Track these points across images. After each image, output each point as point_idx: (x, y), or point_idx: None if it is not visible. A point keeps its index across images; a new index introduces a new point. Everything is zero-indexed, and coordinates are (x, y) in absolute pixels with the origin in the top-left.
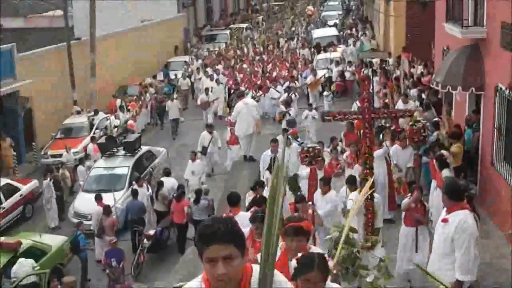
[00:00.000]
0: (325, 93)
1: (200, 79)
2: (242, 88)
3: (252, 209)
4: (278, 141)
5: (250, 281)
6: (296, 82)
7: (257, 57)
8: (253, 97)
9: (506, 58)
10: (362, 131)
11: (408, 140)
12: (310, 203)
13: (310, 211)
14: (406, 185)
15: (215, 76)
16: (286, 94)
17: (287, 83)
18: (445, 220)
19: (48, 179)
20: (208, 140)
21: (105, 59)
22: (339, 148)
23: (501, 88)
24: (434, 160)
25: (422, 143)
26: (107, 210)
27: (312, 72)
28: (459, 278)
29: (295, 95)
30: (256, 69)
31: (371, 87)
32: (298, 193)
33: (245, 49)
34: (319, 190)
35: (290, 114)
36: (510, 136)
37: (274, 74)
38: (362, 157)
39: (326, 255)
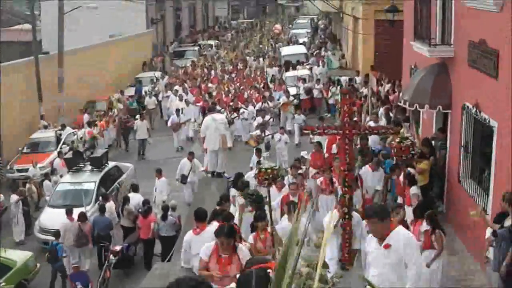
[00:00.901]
0: (296, 116)
1: (168, 97)
2: (214, 104)
3: (215, 223)
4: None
5: None
6: (268, 102)
7: (226, 76)
8: (228, 121)
9: (473, 77)
10: (340, 147)
11: (396, 158)
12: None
13: (269, 229)
14: None
15: (184, 96)
16: (259, 117)
17: (259, 104)
18: (387, 246)
19: (16, 194)
20: (188, 168)
21: (73, 74)
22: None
23: (468, 107)
24: (402, 178)
25: (410, 160)
26: (83, 217)
27: (285, 94)
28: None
29: (272, 119)
30: (226, 88)
31: (352, 101)
32: (258, 212)
33: (213, 68)
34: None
35: (265, 138)
36: (477, 154)
37: (245, 94)
38: (341, 174)
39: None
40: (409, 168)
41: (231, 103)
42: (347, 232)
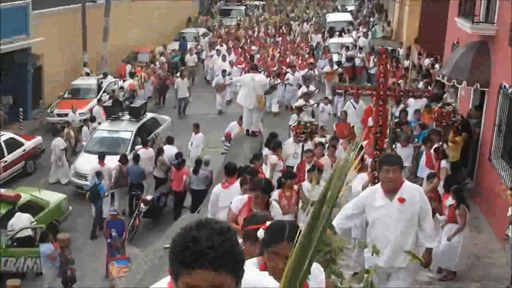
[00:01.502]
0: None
1: (211, 56)
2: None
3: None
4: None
5: None
6: (314, 70)
7: (269, 39)
8: (271, 85)
9: None
10: (375, 108)
11: (436, 123)
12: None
13: (295, 187)
14: None
15: (227, 56)
16: (303, 87)
17: (305, 71)
18: (402, 200)
19: (62, 136)
20: (236, 131)
21: (118, 24)
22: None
23: (505, 86)
24: (433, 151)
25: (450, 128)
26: (124, 159)
27: (330, 63)
28: (430, 246)
29: (318, 90)
30: (271, 52)
31: (389, 61)
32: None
33: (256, 30)
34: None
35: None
36: (509, 134)
37: (288, 59)
38: (373, 136)
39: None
40: (440, 143)
41: (274, 68)
42: None
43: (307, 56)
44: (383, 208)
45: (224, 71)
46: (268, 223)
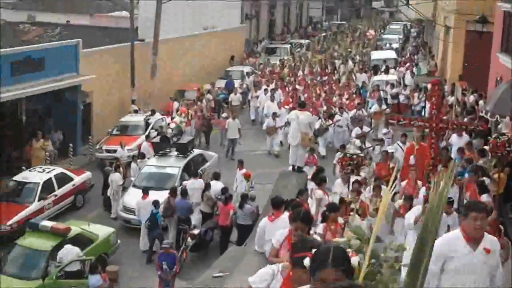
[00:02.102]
0: (384, 130)
1: (257, 97)
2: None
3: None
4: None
5: None
6: (363, 110)
7: (316, 79)
8: (322, 126)
9: None
10: (427, 141)
11: (491, 154)
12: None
13: (340, 220)
14: None
15: (275, 97)
16: (357, 128)
17: (353, 111)
18: (488, 251)
19: (115, 170)
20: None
21: (165, 62)
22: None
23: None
24: (475, 184)
25: (505, 158)
26: (173, 192)
27: (378, 102)
28: None
29: (372, 130)
30: (318, 92)
31: (441, 94)
32: (332, 202)
33: (301, 69)
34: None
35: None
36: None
37: (334, 99)
38: (427, 170)
39: (349, 250)
40: (484, 177)
41: (324, 108)
42: None
43: (354, 96)
44: (466, 257)
45: (274, 114)
46: (314, 250)
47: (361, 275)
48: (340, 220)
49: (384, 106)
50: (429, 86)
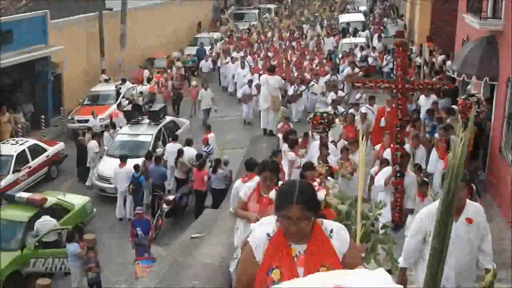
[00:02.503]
0: (357, 95)
1: (226, 63)
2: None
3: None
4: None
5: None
6: (337, 75)
7: (285, 44)
8: (296, 92)
9: None
10: (395, 103)
11: (460, 115)
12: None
13: (318, 180)
14: None
15: (246, 64)
16: (332, 92)
17: (327, 77)
18: (470, 221)
19: (90, 139)
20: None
21: (134, 31)
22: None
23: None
24: (444, 142)
25: (475, 119)
26: (149, 156)
27: (351, 65)
28: (490, 267)
29: (347, 95)
30: (289, 58)
31: (407, 56)
32: (307, 161)
33: (270, 34)
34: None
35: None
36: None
37: (305, 63)
38: (393, 130)
39: (315, 184)
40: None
41: (297, 76)
42: (398, 191)
43: (324, 61)
44: None
45: (250, 81)
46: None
47: (357, 238)
48: (317, 181)
49: (356, 69)
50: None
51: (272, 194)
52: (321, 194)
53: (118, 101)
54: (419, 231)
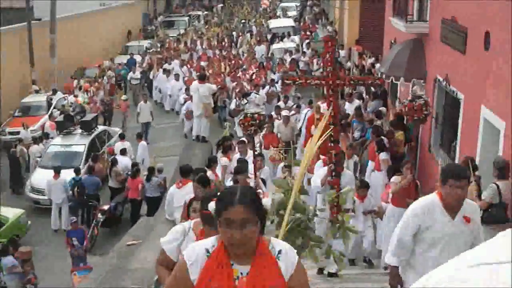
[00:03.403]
0: (289, 103)
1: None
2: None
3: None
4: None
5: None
6: (276, 86)
7: (215, 53)
8: (238, 107)
9: (445, 52)
10: (327, 99)
11: (407, 118)
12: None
13: (252, 182)
14: None
15: (180, 76)
16: (280, 102)
17: (266, 88)
18: (468, 220)
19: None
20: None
21: (64, 41)
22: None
23: (439, 80)
24: (374, 143)
25: (422, 122)
26: (95, 157)
27: (285, 75)
28: None
29: (296, 105)
30: (223, 67)
31: (335, 48)
32: (238, 165)
33: (198, 43)
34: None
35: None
36: (446, 124)
37: (239, 74)
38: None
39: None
40: (382, 137)
41: (233, 84)
42: (335, 190)
43: (259, 71)
44: (445, 226)
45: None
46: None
47: (283, 228)
48: (252, 183)
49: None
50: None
51: (211, 205)
52: (266, 201)
53: (49, 112)
54: (411, 225)
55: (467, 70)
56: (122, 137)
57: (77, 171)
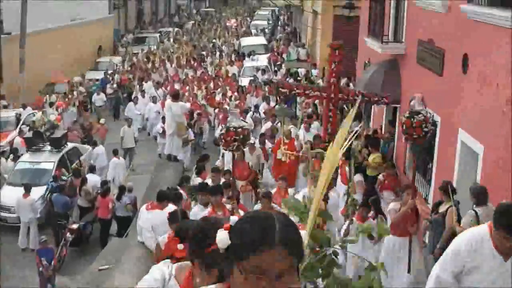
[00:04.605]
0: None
1: (137, 97)
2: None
3: (170, 205)
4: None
5: None
6: (260, 112)
7: (186, 72)
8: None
9: (421, 74)
10: (324, 113)
11: (406, 137)
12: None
13: (228, 206)
14: None
15: (157, 98)
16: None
17: (250, 113)
18: None
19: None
20: None
21: (34, 55)
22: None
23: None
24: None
25: (422, 140)
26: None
27: (266, 100)
28: None
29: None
30: (198, 90)
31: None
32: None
33: (168, 63)
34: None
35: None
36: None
37: (217, 98)
38: (321, 146)
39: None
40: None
41: (221, 115)
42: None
43: (237, 94)
44: (494, 270)
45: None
46: (234, 219)
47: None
48: (228, 206)
49: (272, 104)
50: (299, 71)
51: (222, 236)
52: (304, 234)
53: (18, 128)
54: (453, 264)
55: (444, 92)
56: (115, 153)
57: (55, 178)
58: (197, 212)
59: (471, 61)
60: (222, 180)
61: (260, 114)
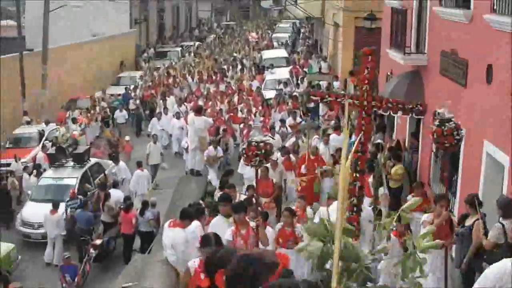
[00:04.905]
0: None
1: (160, 114)
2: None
3: (194, 223)
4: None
5: None
6: (286, 127)
7: (208, 86)
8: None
9: (444, 85)
10: (357, 122)
11: (437, 145)
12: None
13: (252, 223)
14: None
15: (181, 114)
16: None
17: (277, 129)
18: None
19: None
20: None
21: (56, 71)
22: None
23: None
24: (371, 178)
25: (454, 148)
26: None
27: (292, 115)
28: None
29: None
30: (220, 105)
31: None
32: (236, 202)
33: (189, 77)
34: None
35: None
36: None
37: (240, 114)
38: (353, 156)
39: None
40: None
41: (245, 131)
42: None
43: (263, 110)
44: None
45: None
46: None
47: None
48: (252, 223)
49: (298, 119)
50: (321, 83)
51: None
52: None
53: (41, 144)
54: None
55: (468, 103)
56: (139, 165)
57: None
58: (217, 223)
59: (495, 71)
60: (243, 196)
61: (286, 129)
